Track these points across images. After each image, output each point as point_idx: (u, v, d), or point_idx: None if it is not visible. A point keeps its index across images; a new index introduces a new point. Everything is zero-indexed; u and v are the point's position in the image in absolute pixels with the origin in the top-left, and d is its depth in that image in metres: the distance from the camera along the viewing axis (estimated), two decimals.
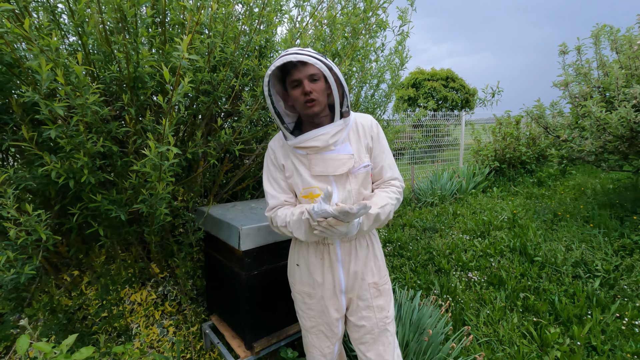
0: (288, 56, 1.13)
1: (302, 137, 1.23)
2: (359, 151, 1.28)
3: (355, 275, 1.32)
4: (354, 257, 1.31)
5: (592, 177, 6.20)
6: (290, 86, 1.21)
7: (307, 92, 1.16)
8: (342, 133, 1.25)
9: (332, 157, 1.25)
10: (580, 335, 2.15)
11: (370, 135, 1.32)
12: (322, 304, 1.34)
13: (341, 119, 1.25)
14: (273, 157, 1.33)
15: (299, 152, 1.27)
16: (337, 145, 1.25)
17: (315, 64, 1.13)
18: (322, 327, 1.37)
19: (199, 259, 2.36)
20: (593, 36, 3.80)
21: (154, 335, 2.02)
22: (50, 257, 1.94)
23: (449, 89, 14.35)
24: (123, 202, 1.51)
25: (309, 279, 1.35)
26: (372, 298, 1.34)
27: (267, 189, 1.33)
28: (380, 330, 1.35)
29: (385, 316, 1.37)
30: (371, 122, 1.35)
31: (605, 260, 2.99)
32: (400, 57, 2.30)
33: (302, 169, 1.26)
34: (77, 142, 1.22)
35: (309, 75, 1.17)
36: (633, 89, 3.00)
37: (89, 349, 0.97)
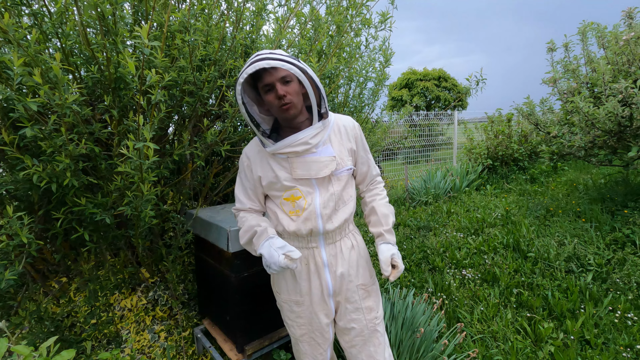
0: (259, 62, 1.08)
1: (281, 143, 1.20)
2: (341, 153, 1.26)
3: (342, 278, 1.29)
4: (340, 259, 1.29)
5: (583, 172, 6.25)
6: (262, 91, 1.17)
7: (281, 96, 1.13)
8: (322, 134, 1.24)
9: (314, 159, 1.22)
10: (573, 329, 2.15)
11: (353, 138, 1.31)
12: (311, 311, 1.31)
13: (320, 121, 1.23)
14: (246, 166, 1.31)
15: (279, 156, 1.24)
16: (318, 147, 1.23)
17: (289, 69, 1.09)
18: (313, 334, 1.34)
19: (190, 262, 2.33)
20: (580, 33, 3.83)
21: (145, 341, 1.99)
22: (37, 264, 1.91)
23: (441, 89, 14.44)
24: (108, 205, 1.48)
25: (295, 286, 1.31)
26: (361, 300, 1.32)
27: (236, 192, 1.37)
28: (370, 332, 1.33)
29: (375, 317, 1.35)
30: (353, 124, 1.34)
31: (597, 254, 3.00)
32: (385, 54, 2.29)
33: (283, 173, 1.23)
34: (58, 144, 1.19)
35: (280, 78, 1.13)
36: (619, 84, 3.03)
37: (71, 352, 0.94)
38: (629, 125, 3.15)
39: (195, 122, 1.97)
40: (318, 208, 1.23)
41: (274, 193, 1.28)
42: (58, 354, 0.92)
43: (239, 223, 1.34)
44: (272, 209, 1.32)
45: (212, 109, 1.97)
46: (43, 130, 1.16)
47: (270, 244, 1.18)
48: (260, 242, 1.21)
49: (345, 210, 1.29)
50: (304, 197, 1.23)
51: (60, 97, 1.06)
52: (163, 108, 1.34)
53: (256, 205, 1.35)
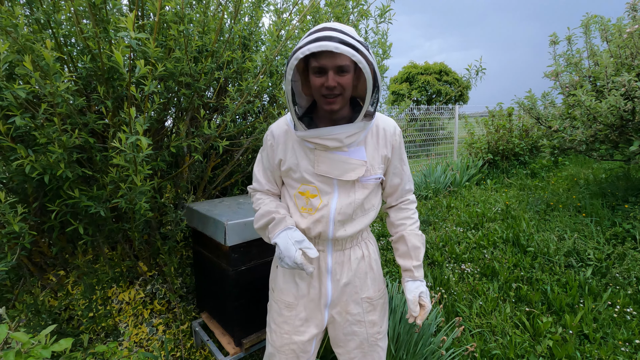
0: (327, 43, 0.91)
1: (313, 132, 1.06)
2: (373, 159, 1.13)
3: (345, 288, 1.18)
4: (347, 268, 1.17)
5: (584, 167, 6.23)
6: (312, 70, 1.01)
7: (331, 87, 0.98)
8: (359, 135, 1.09)
9: (343, 159, 1.09)
10: (572, 324, 2.15)
11: (391, 145, 1.16)
12: (302, 317, 1.19)
13: (362, 121, 1.07)
14: (270, 145, 1.17)
15: (306, 144, 1.10)
16: (350, 147, 1.09)
17: (358, 61, 0.92)
18: (294, 345, 1.20)
19: (188, 256, 2.33)
20: (583, 25, 3.79)
21: (142, 334, 1.99)
22: (34, 257, 1.90)
23: (443, 83, 14.35)
24: (104, 198, 1.47)
25: (293, 287, 1.20)
26: (365, 313, 1.21)
27: (255, 170, 1.26)
28: (370, 346, 1.24)
29: (378, 331, 1.24)
30: (394, 128, 1.17)
31: (597, 249, 2.99)
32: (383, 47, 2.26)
33: (305, 164, 1.11)
34: (51, 135, 1.17)
35: (337, 66, 0.97)
36: (622, 77, 2.99)
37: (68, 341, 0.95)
38: (631, 119, 3.12)
39: (192, 115, 1.95)
40: (333, 213, 1.11)
41: (290, 182, 1.16)
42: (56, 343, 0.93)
43: (255, 205, 1.23)
44: (286, 199, 1.22)
45: (210, 101, 1.95)
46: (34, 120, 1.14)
47: (288, 236, 1.08)
48: (277, 231, 1.11)
49: (363, 220, 1.16)
50: (320, 196, 1.11)
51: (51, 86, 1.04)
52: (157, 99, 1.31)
53: (274, 188, 1.24)
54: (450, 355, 1.82)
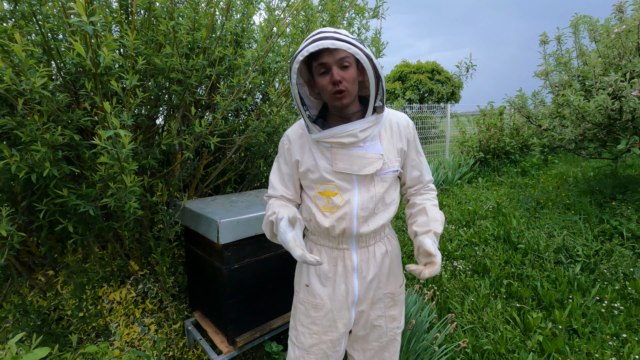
0: (323, 41, 0.96)
1: (328, 132, 1.09)
2: (389, 152, 1.14)
3: (370, 284, 1.18)
4: (372, 265, 1.18)
5: (573, 165, 6.33)
6: (316, 71, 1.06)
7: (336, 82, 1.02)
8: (372, 129, 1.12)
9: (360, 154, 1.11)
10: (561, 319, 2.18)
11: (406, 138, 1.18)
12: (330, 318, 1.19)
13: (373, 115, 1.11)
14: (287, 149, 1.20)
15: (323, 145, 1.13)
16: (366, 142, 1.11)
17: (355, 53, 0.97)
18: (325, 345, 1.20)
19: (180, 254, 2.31)
20: (572, 25, 3.84)
21: (134, 333, 1.97)
22: (22, 257, 1.87)
23: (435, 82, 14.44)
24: (93, 196, 1.44)
25: (319, 287, 1.19)
26: (386, 308, 1.23)
27: (271, 177, 1.26)
28: (389, 339, 1.26)
29: (397, 326, 1.27)
30: (407, 122, 1.20)
31: (585, 245, 3.04)
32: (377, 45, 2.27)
33: (323, 163, 1.13)
34: (34, 132, 1.14)
35: (338, 60, 1.01)
36: (609, 77, 3.05)
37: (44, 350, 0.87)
38: (618, 118, 3.18)
39: (183, 112, 1.93)
40: (355, 209, 1.11)
41: (309, 184, 1.18)
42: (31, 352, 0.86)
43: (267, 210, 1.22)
44: (306, 202, 1.22)
45: (202, 98, 1.93)
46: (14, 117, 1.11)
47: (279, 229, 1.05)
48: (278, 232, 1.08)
49: (385, 214, 1.17)
50: (341, 194, 1.12)
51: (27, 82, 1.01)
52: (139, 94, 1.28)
53: (290, 193, 1.23)
54: (442, 351, 1.83)
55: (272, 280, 1.85)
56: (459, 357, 1.93)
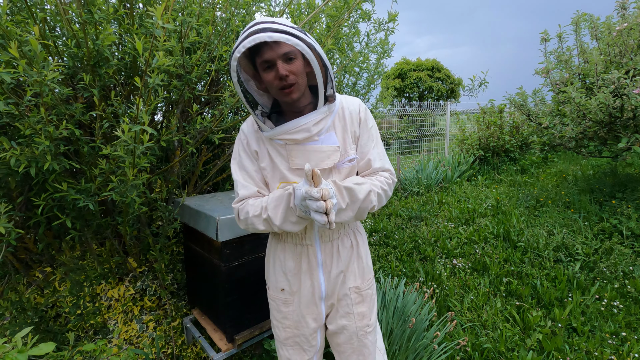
0: (259, 35, 0.90)
1: (279, 129, 1.05)
2: (344, 141, 1.11)
3: (336, 279, 1.16)
4: (336, 259, 1.16)
5: (573, 164, 6.32)
6: (260, 68, 1.00)
7: (283, 76, 0.97)
8: (326, 121, 1.07)
9: (315, 148, 1.07)
10: (561, 317, 2.18)
11: (357, 121, 1.13)
12: (299, 313, 1.18)
13: (325, 105, 1.06)
14: (245, 144, 1.13)
15: (277, 142, 1.09)
16: (321, 135, 1.07)
17: (295, 44, 0.92)
18: (298, 338, 1.20)
19: (179, 252, 2.29)
20: (573, 23, 3.82)
21: (133, 331, 1.96)
22: (19, 253, 1.85)
23: (435, 79, 14.41)
24: (92, 191, 1.42)
25: (285, 283, 1.18)
26: (353, 304, 1.19)
27: (235, 177, 1.14)
28: (359, 339, 1.21)
29: (367, 324, 1.22)
30: (359, 105, 1.15)
31: (585, 244, 3.04)
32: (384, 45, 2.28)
33: (279, 160, 1.09)
34: (36, 125, 1.13)
35: (282, 54, 0.95)
36: (611, 74, 3.03)
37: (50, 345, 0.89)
38: (619, 116, 3.17)
39: (183, 108, 1.91)
40: None
41: (268, 182, 1.13)
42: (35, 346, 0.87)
43: (242, 214, 1.08)
44: None
45: (201, 94, 1.91)
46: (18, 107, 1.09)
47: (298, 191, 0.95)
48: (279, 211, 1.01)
49: None
50: None
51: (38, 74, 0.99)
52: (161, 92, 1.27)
53: (264, 190, 1.14)
54: (442, 349, 1.83)
55: None
56: (458, 356, 1.92)
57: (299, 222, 1.02)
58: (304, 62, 1.02)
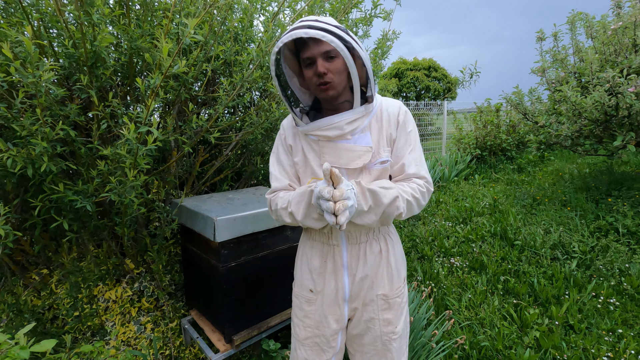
0: (297, 31, 0.94)
1: (313, 124, 1.07)
2: (378, 143, 1.10)
3: (362, 283, 1.14)
4: (362, 263, 1.14)
5: (569, 162, 6.35)
6: (303, 64, 1.04)
7: (320, 74, 1.00)
8: (362, 121, 1.08)
9: (348, 147, 1.08)
10: (558, 315, 2.19)
11: (395, 123, 1.11)
12: (321, 313, 1.18)
13: (362, 105, 1.07)
14: (283, 138, 1.18)
15: (310, 137, 1.11)
16: (354, 134, 1.08)
17: (331, 42, 0.93)
18: (318, 339, 1.19)
19: (177, 252, 2.29)
20: (569, 22, 3.84)
21: (130, 332, 1.95)
22: (15, 256, 1.84)
23: (431, 79, 14.43)
24: (90, 192, 1.42)
25: (310, 282, 1.19)
26: (379, 310, 1.16)
27: (272, 170, 1.20)
28: (383, 345, 1.18)
29: (392, 331, 1.18)
30: (399, 108, 1.13)
31: (581, 241, 3.06)
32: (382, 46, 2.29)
33: (312, 156, 1.11)
34: (31, 127, 1.12)
35: (323, 52, 0.99)
36: (606, 73, 3.05)
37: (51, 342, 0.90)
38: (614, 115, 3.19)
39: (179, 108, 1.90)
40: None
41: (300, 176, 1.16)
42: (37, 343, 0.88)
43: (273, 205, 1.13)
44: None
45: (197, 94, 1.90)
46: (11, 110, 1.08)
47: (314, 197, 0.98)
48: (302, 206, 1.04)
49: None
50: None
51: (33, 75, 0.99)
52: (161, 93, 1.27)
53: (296, 184, 1.18)
54: (440, 347, 1.83)
55: (269, 278, 1.83)
56: (456, 354, 1.93)
57: (321, 218, 1.03)
58: (345, 62, 1.02)
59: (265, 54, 1.74)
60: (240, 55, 1.82)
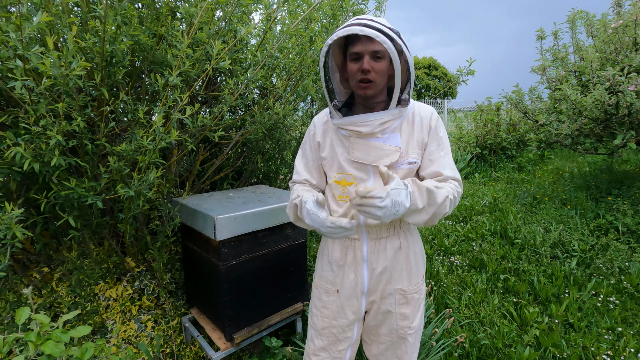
0: (354, 27, 0.98)
1: (348, 119, 1.10)
2: (407, 144, 1.12)
3: (380, 277, 1.17)
4: (382, 257, 1.17)
5: (569, 161, 6.35)
6: (349, 57, 1.08)
7: (365, 70, 1.03)
8: (393, 122, 1.11)
9: (377, 145, 1.11)
10: (558, 313, 2.20)
11: (427, 128, 1.14)
12: (339, 304, 1.22)
13: (397, 108, 1.09)
14: (312, 134, 1.24)
15: (342, 132, 1.15)
16: (385, 133, 1.11)
17: (383, 43, 0.96)
18: (334, 329, 1.24)
19: (177, 251, 2.29)
20: (569, 21, 3.83)
21: (131, 330, 1.96)
22: (16, 254, 1.84)
23: (432, 77, 14.42)
24: (98, 189, 1.43)
25: (330, 274, 1.23)
26: (397, 304, 1.19)
27: (296, 162, 1.29)
28: (399, 337, 1.22)
29: (408, 326, 1.21)
30: (431, 113, 1.16)
31: (581, 240, 3.06)
32: None
33: (340, 151, 1.16)
34: (47, 115, 1.14)
35: (372, 51, 1.02)
36: (607, 71, 3.05)
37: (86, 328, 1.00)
38: (615, 113, 3.19)
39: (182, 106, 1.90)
40: None
41: (327, 170, 1.21)
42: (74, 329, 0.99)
43: (291, 195, 1.24)
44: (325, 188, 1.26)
45: (199, 93, 1.91)
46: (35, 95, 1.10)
47: (307, 211, 1.07)
48: (303, 214, 1.10)
49: None
50: (356, 184, 1.14)
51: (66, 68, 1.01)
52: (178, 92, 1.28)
53: (314, 177, 1.25)
54: (440, 346, 1.84)
55: (269, 276, 1.84)
56: (456, 352, 1.94)
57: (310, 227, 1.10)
58: (390, 64, 1.06)
59: (269, 55, 1.74)
60: (241, 53, 1.82)
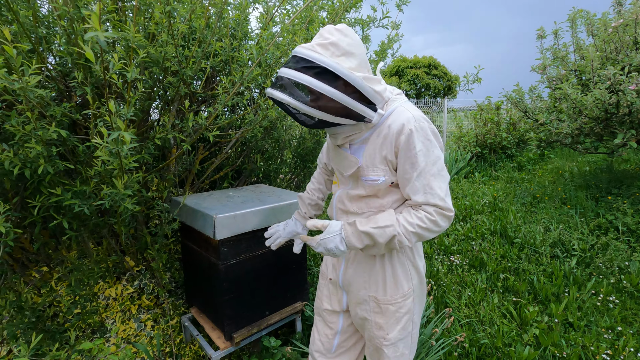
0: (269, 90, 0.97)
1: (328, 129, 1.11)
2: (372, 158, 1.06)
3: (351, 279, 1.21)
4: (358, 258, 1.19)
5: (569, 160, 6.35)
6: None
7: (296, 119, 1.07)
8: (361, 134, 1.07)
9: (345, 155, 1.13)
10: (557, 312, 2.20)
11: (392, 144, 1.01)
12: (329, 289, 1.32)
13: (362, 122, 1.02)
14: (327, 138, 1.34)
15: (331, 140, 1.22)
16: (354, 143, 1.10)
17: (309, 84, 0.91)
18: (320, 311, 1.35)
19: (177, 250, 2.29)
20: (570, 20, 3.83)
21: (130, 330, 1.96)
22: (15, 253, 1.84)
23: (432, 77, 14.41)
24: (87, 193, 1.42)
25: (326, 260, 1.37)
26: (372, 312, 1.18)
27: (318, 160, 1.49)
28: (375, 348, 1.22)
29: (383, 337, 1.17)
30: (402, 126, 0.99)
31: (581, 239, 3.06)
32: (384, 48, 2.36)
33: (331, 155, 1.26)
34: (25, 126, 1.12)
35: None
36: (607, 71, 3.04)
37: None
38: (615, 113, 3.18)
39: (178, 106, 1.90)
40: (335, 200, 1.23)
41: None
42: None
43: None
44: None
45: (197, 91, 1.90)
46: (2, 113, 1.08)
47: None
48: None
49: None
50: (339, 185, 1.25)
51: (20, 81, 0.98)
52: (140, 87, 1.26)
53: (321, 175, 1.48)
54: (440, 345, 1.84)
55: (269, 275, 1.84)
56: (456, 352, 1.94)
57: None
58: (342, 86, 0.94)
59: (265, 52, 1.74)
60: (238, 52, 1.81)
